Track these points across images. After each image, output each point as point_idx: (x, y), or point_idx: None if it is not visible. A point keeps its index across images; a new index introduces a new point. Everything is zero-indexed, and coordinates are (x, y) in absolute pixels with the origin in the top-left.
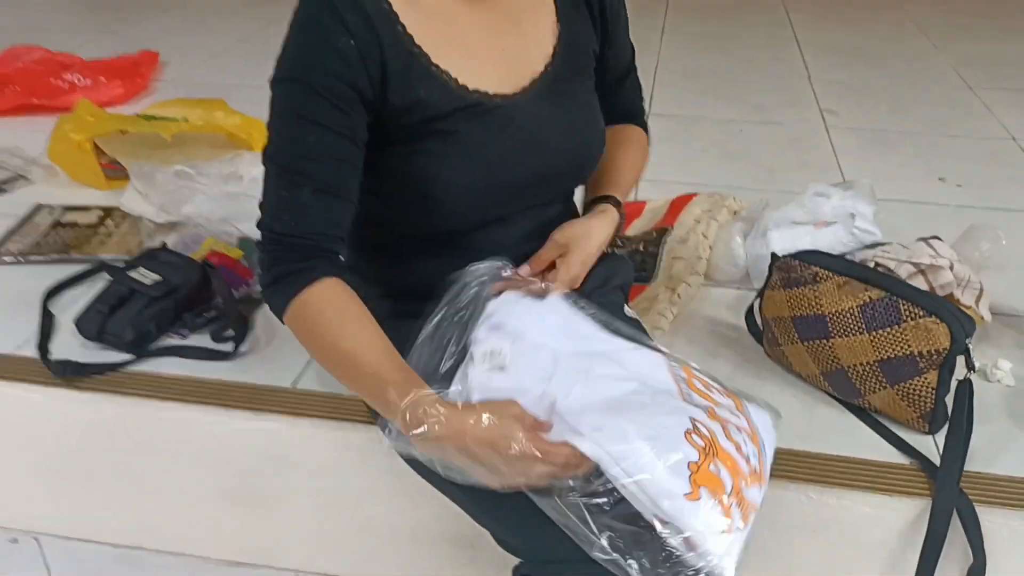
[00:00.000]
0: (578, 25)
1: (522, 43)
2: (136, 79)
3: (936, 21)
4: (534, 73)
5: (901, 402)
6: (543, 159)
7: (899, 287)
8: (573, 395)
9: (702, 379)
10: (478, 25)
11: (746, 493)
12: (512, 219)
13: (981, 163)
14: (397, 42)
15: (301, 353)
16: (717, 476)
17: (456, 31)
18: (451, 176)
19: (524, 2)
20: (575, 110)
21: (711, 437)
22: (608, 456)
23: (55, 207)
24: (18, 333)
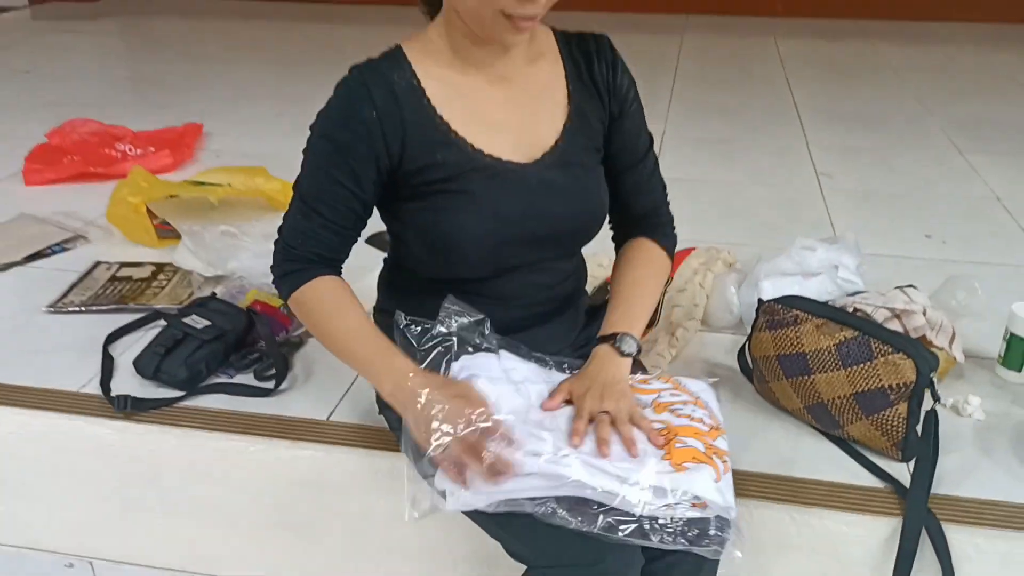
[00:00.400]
0: (587, 105)
1: (536, 118)
2: (183, 149)
3: (930, 88)
4: (545, 145)
5: (876, 432)
6: (549, 220)
7: (870, 327)
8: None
9: (642, 378)
10: (497, 101)
11: (716, 444)
12: (522, 271)
13: (965, 220)
14: (421, 113)
15: (336, 390)
16: (686, 448)
17: (477, 105)
18: (465, 229)
19: (539, 82)
20: (581, 179)
21: (665, 424)
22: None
23: (112, 263)
24: (82, 374)
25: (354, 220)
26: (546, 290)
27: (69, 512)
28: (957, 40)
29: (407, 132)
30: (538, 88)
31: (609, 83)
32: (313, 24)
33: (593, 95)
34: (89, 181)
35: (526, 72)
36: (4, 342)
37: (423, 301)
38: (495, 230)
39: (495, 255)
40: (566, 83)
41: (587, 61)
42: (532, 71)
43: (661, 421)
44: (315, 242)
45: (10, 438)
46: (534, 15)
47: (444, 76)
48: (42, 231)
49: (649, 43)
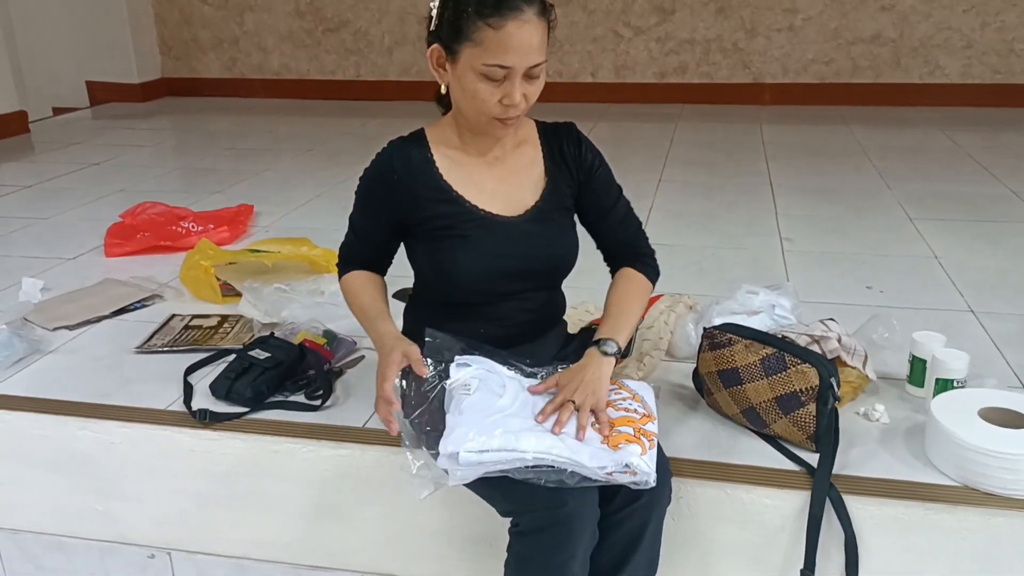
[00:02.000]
0: (559, 176)
1: (520, 187)
2: (238, 225)
3: (893, 166)
4: (527, 205)
5: (794, 428)
6: (529, 259)
7: (784, 345)
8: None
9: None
10: (490, 174)
11: (646, 428)
12: (511, 298)
13: (904, 275)
14: (431, 177)
15: (370, 406)
16: (621, 434)
17: (474, 175)
18: (462, 265)
19: (523, 162)
20: (554, 230)
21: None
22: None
23: (185, 315)
24: (167, 397)
25: (382, 243)
26: (531, 314)
27: (154, 508)
28: (927, 123)
29: (419, 192)
30: (522, 166)
31: (575, 158)
32: (348, 119)
33: (563, 169)
34: (159, 253)
35: (513, 154)
36: (104, 376)
37: (437, 322)
38: (486, 266)
39: (487, 285)
40: (544, 162)
41: (558, 144)
42: (518, 153)
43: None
44: (356, 253)
45: (112, 446)
46: (516, 116)
47: (451, 154)
48: (125, 291)
49: (647, 131)
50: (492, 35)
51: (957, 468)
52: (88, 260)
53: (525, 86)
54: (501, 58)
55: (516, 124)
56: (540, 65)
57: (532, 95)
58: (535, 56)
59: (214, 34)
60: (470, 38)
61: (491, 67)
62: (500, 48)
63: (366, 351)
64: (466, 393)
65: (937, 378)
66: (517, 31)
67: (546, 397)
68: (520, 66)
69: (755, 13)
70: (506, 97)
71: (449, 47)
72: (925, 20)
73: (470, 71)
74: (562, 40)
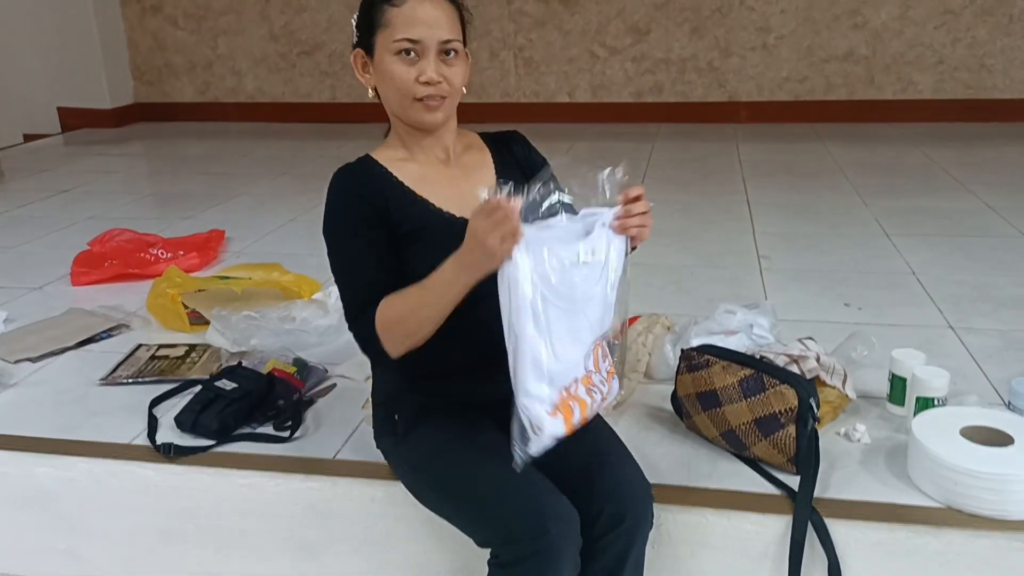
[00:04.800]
0: (511, 176)
1: (472, 186)
2: (208, 251)
3: (868, 182)
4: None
5: (774, 450)
6: None
7: (763, 366)
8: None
9: (603, 350)
10: (446, 176)
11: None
12: (486, 301)
13: (882, 292)
14: (392, 186)
15: (340, 436)
16: (571, 410)
17: (432, 178)
18: (431, 263)
19: (472, 164)
20: None
21: (575, 393)
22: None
23: (152, 345)
24: (132, 430)
25: (387, 261)
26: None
27: (118, 546)
28: (901, 140)
29: (388, 198)
30: (472, 167)
31: (526, 159)
32: (324, 142)
33: (514, 169)
34: (127, 281)
35: (462, 158)
36: (67, 408)
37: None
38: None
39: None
40: (494, 164)
41: (507, 147)
42: (466, 157)
43: (577, 390)
44: (363, 295)
45: (74, 482)
46: (436, 94)
47: (402, 164)
48: (91, 321)
49: (624, 151)
50: (396, 12)
51: (940, 489)
52: (54, 289)
53: (441, 66)
54: (407, 31)
55: (442, 107)
56: (452, 43)
57: (452, 77)
58: (443, 31)
59: (187, 58)
60: (379, 24)
61: (399, 42)
62: (405, 22)
63: (337, 379)
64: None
65: (918, 396)
66: (420, 5)
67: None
68: (428, 39)
69: (729, 33)
70: (422, 74)
71: (367, 44)
72: (897, 37)
73: (385, 55)
74: (538, 61)
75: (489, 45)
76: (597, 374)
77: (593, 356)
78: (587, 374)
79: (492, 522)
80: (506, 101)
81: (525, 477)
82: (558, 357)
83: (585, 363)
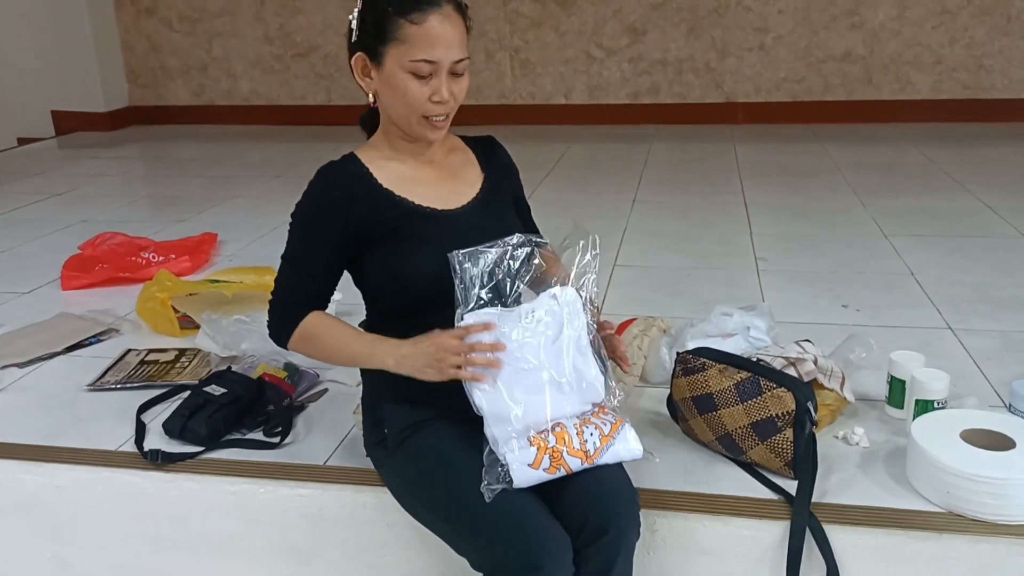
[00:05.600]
0: (498, 175)
1: (457, 183)
2: (200, 255)
3: (866, 182)
4: (469, 197)
5: (771, 454)
6: (475, 244)
7: (759, 368)
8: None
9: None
10: (429, 176)
11: (566, 458)
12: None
13: (880, 293)
14: (370, 187)
15: (331, 442)
16: (546, 444)
17: (411, 177)
18: (413, 260)
19: (456, 163)
20: (499, 217)
21: (561, 431)
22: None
23: (141, 350)
24: (120, 436)
25: (327, 274)
26: None
27: (107, 554)
28: (899, 140)
29: (360, 203)
30: (456, 167)
31: (508, 163)
32: (319, 144)
33: (500, 170)
34: (118, 285)
35: (447, 158)
36: (54, 415)
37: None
38: (436, 260)
39: (440, 280)
40: (478, 163)
41: (490, 149)
42: (451, 157)
43: (563, 427)
44: (300, 291)
45: (59, 490)
46: (445, 113)
47: (386, 164)
48: (80, 326)
49: (621, 152)
50: (415, 31)
51: (940, 493)
52: (45, 293)
53: (451, 83)
54: (427, 52)
55: (446, 126)
56: (464, 61)
57: (459, 93)
58: (458, 51)
59: (182, 61)
60: (394, 37)
61: (418, 63)
62: (425, 43)
63: (329, 383)
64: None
65: (917, 399)
66: (440, 24)
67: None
68: (445, 60)
69: (726, 33)
70: (435, 94)
71: (373, 51)
72: (895, 37)
73: (398, 70)
74: (535, 62)
75: (485, 46)
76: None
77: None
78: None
79: (485, 550)
80: (502, 103)
81: (517, 500)
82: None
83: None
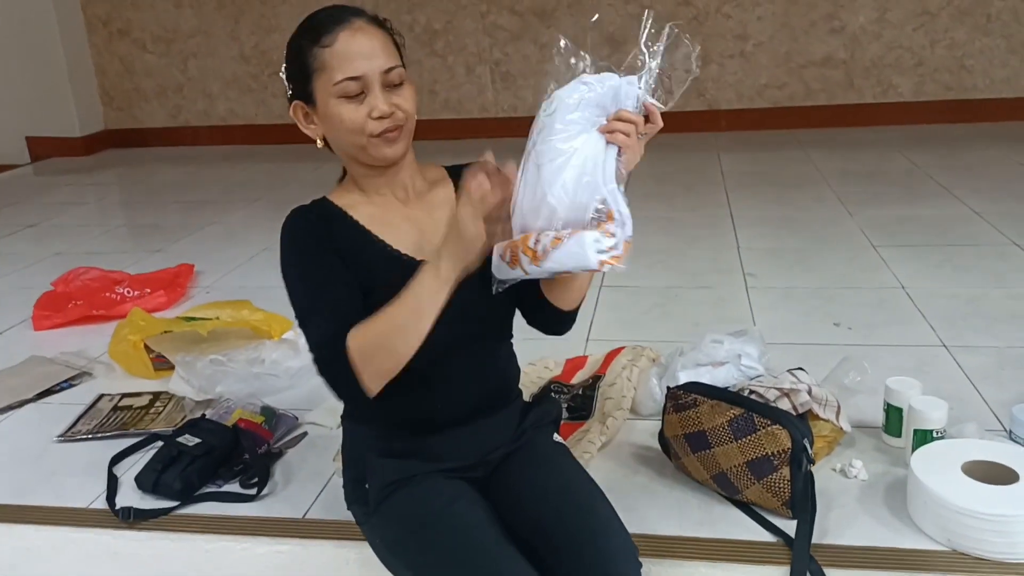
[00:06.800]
0: None
1: (434, 227)
2: (176, 288)
3: (852, 191)
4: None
5: (768, 494)
6: (462, 304)
7: (753, 404)
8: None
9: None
10: (404, 216)
11: (519, 253)
12: (460, 354)
13: (871, 309)
14: (348, 227)
15: (311, 492)
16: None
17: (388, 219)
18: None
19: (436, 202)
20: (482, 268)
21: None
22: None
23: (114, 395)
24: (91, 492)
25: (349, 288)
26: (482, 373)
27: None
28: (883, 144)
29: (341, 240)
30: (435, 205)
31: None
32: (299, 164)
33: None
34: (92, 323)
35: (426, 196)
36: (23, 469)
37: (382, 408)
38: None
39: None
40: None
41: None
42: (429, 194)
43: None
44: (336, 324)
45: (30, 553)
46: (392, 125)
47: (360, 206)
48: (51, 371)
49: None
50: (329, 53)
51: (943, 531)
52: (15, 335)
53: (390, 96)
54: (347, 70)
55: (401, 138)
56: (396, 70)
57: (404, 103)
58: (382, 60)
59: (157, 82)
60: (314, 68)
61: (341, 83)
62: (343, 61)
63: (308, 426)
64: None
65: (915, 429)
66: (351, 39)
67: None
68: (369, 72)
69: (706, 40)
70: (372, 110)
71: (305, 93)
72: (875, 40)
73: (329, 100)
74: (515, 75)
75: (465, 60)
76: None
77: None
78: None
79: None
80: (484, 116)
81: (506, 562)
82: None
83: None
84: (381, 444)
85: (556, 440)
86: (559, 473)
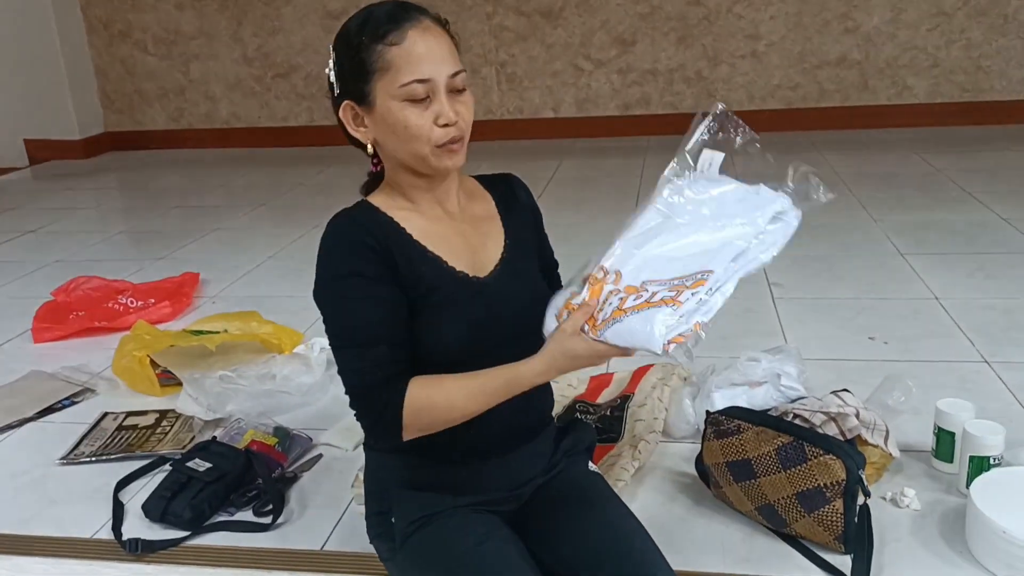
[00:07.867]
0: (518, 225)
1: (483, 241)
2: (181, 298)
3: (877, 196)
4: (494, 261)
5: (819, 527)
6: (508, 319)
7: (802, 431)
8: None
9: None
10: (454, 230)
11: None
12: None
13: (906, 321)
14: (402, 238)
15: (329, 520)
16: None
17: (441, 233)
18: (440, 331)
19: (478, 215)
20: (526, 282)
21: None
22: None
23: (119, 413)
24: (95, 520)
25: (404, 329)
26: (521, 406)
27: None
28: (899, 146)
29: (396, 252)
30: (478, 220)
31: (527, 203)
32: (303, 168)
33: (517, 215)
34: (94, 335)
35: (468, 208)
36: (22, 495)
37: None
38: (462, 333)
39: (462, 352)
40: (498, 213)
41: (509, 191)
42: (471, 207)
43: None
44: (378, 364)
45: None
46: (457, 137)
47: (407, 216)
48: (52, 387)
49: (614, 167)
50: (398, 52)
51: (1009, 568)
52: (14, 348)
53: (455, 102)
54: (417, 71)
55: (462, 150)
56: (461, 74)
57: (465, 111)
58: (450, 63)
59: (159, 85)
60: (377, 68)
61: (409, 85)
62: (412, 61)
63: (323, 448)
64: None
65: (971, 455)
66: (421, 38)
67: None
68: (439, 76)
69: (717, 41)
70: (439, 116)
71: (359, 93)
72: (890, 40)
73: (391, 103)
74: (521, 76)
75: (470, 61)
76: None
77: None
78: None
79: None
80: (489, 118)
81: None
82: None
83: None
84: (407, 475)
85: (591, 469)
86: (598, 509)
